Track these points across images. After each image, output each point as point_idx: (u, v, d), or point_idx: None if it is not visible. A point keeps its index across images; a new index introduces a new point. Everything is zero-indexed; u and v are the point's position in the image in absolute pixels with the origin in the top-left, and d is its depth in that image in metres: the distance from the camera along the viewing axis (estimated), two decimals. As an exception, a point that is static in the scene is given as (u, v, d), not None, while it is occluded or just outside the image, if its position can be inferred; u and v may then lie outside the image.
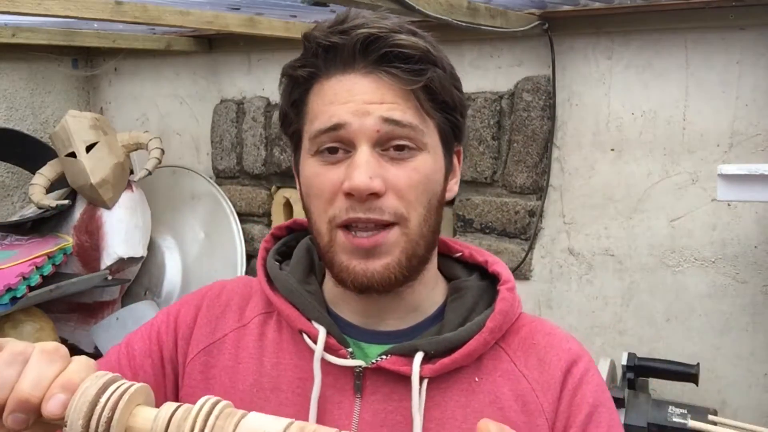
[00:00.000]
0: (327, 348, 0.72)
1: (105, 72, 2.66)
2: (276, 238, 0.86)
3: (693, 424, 1.46)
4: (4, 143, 2.28)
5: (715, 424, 1.47)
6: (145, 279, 2.34)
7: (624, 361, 1.65)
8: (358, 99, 0.67)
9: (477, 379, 0.72)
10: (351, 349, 0.73)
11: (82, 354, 0.56)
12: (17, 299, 1.82)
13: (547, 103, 1.85)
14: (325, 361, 0.71)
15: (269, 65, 2.30)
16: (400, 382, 0.70)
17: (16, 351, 0.51)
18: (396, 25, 0.68)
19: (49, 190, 2.18)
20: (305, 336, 0.73)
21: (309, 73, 0.70)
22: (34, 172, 2.17)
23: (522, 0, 1.62)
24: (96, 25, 2.04)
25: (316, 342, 0.72)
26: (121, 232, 2.10)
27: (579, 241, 1.87)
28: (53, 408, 0.49)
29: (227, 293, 0.82)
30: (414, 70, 0.67)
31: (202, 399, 0.50)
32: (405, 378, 0.70)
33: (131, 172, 2.28)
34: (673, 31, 1.69)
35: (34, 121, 2.48)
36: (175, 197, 2.42)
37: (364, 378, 0.71)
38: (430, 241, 0.72)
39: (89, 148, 2.04)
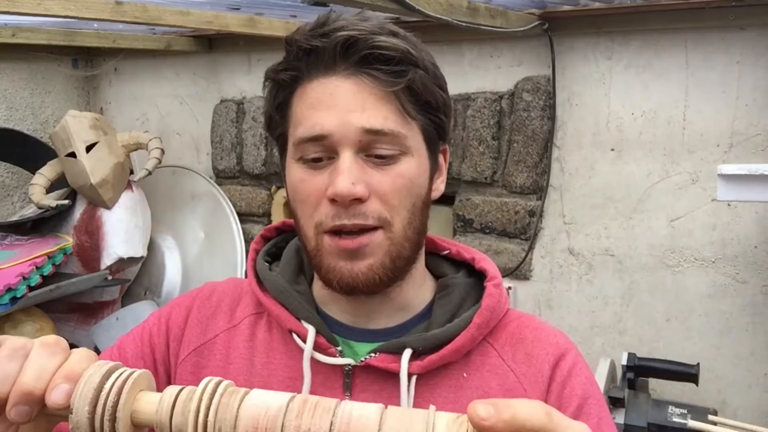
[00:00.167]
0: (316, 347, 0.72)
1: (105, 72, 2.66)
2: (265, 240, 0.86)
3: (693, 424, 1.46)
4: (4, 143, 2.28)
5: (715, 424, 1.48)
6: (145, 279, 2.34)
7: (624, 361, 1.65)
8: (341, 105, 0.67)
9: (465, 374, 0.73)
10: (340, 348, 0.74)
11: (82, 354, 0.57)
12: (17, 299, 1.82)
13: (547, 103, 1.85)
14: (314, 360, 0.72)
15: (269, 65, 2.30)
16: (389, 379, 0.71)
17: (17, 346, 0.52)
18: (376, 26, 0.68)
19: (49, 190, 2.17)
20: (295, 335, 0.74)
21: (291, 76, 0.71)
22: (34, 172, 2.18)
23: (522, 0, 1.62)
24: (96, 25, 2.05)
25: (305, 341, 0.73)
26: (121, 232, 2.10)
27: (579, 241, 1.87)
28: (57, 398, 0.49)
29: (218, 294, 0.83)
30: (395, 72, 0.67)
31: (205, 380, 0.50)
32: (394, 375, 0.71)
33: (131, 172, 2.28)
34: (673, 31, 1.69)
35: (34, 121, 2.48)
36: (175, 197, 2.42)
37: (353, 376, 0.72)
38: (415, 242, 0.72)
39: (89, 148, 2.04)
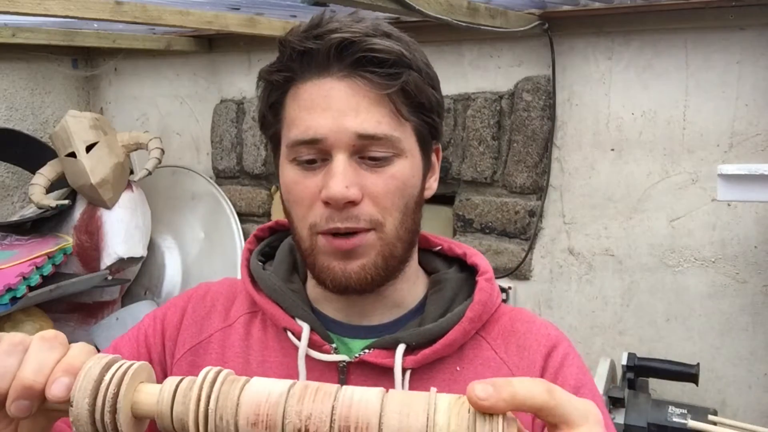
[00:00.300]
0: (311, 344, 0.73)
1: (105, 72, 2.66)
2: (259, 239, 0.87)
3: (693, 424, 1.46)
4: (4, 143, 2.28)
5: (715, 424, 1.48)
6: (145, 279, 2.34)
7: (624, 361, 1.65)
8: (335, 108, 0.67)
9: (458, 368, 0.73)
10: (335, 345, 0.74)
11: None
12: (17, 299, 1.82)
13: (547, 103, 1.85)
14: (309, 357, 0.73)
15: (269, 65, 2.30)
16: (383, 374, 0.72)
17: (16, 341, 0.52)
18: (370, 28, 0.68)
19: (49, 190, 2.17)
20: (289, 333, 0.75)
21: (285, 77, 0.71)
22: (34, 172, 2.17)
23: (522, 0, 1.62)
24: (96, 25, 2.04)
25: (300, 339, 0.73)
26: (121, 232, 2.10)
27: (579, 241, 1.87)
28: (57, 391, 0.49)
29: (212, 294, 0.83)
30: (389, 74, 0.67)
31: (205, 369, 0.51)
32: (388, 370, 0.71)
33: (131, 172, 2.28)
34: (673, 31, 1.69)
35: (34, 121, 2.48)
36: (175, 197, 2.42)
37: (348, 372, 0.72)
38: (408, 241, 0.73)
39: (89, 148, 2.04)
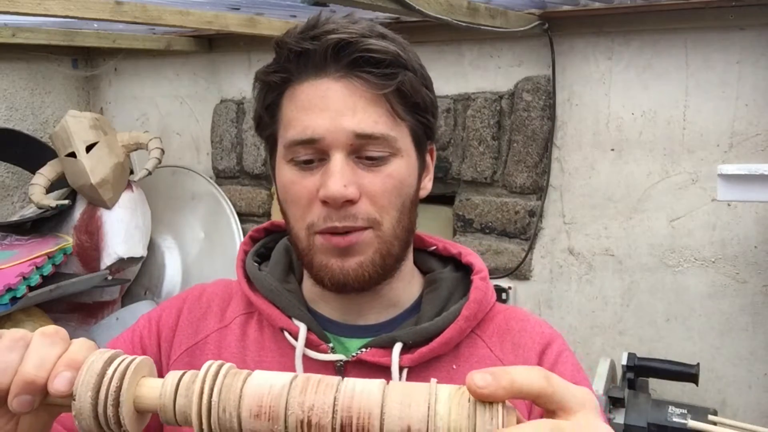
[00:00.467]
0: (308, 344, 0.73)
1: (105, 72, 2.66)
2: (254, 240, 0.87)
3: (693, 424, 1.46)
4: (4, 143, 2.28)
5: (715, 424, 1.48)
6: (145, 279, 2.34)
7: (624, 361, 1.65)
8: (332, 108, 0.68)
9: (455, 366, 0.74)
10: (332, 344, 0.74)
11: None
12: (17, 299, 1.82)
13: (547, 103, 1.85)
14: (306, 357, 0.73)
15: (269, 65, 2.30)
16: (380, 373, 0.71)
17: (17, 337, 0.52)
18: (366, 29, 0.69)
19: (49, 190, 2.17)
20: (286, 333, 0.75)
21: (282, 78, 0.71)
22: (34, 172, 2.17)
23: (522, 0, 1.62)
24: (96, 25, 2.04)
25: (297, 339, 0.73)
26: (121, 232, 2.10)
27: (579, 241, 1.87)
28: (60, 385, 0.49)
29: (207, 296, 0.83)
30: (385, 74, 0.68)
31: (207, 363, 0.51)
32: (385, 369, 0.71)
33: (131, 172, 2.28)
34: (673, 31, 1.69)
35: (34, 121, 2.48)
36: (175, 197, 2.42)
37: (345, 372, 0.73)
38: (404, 240, 0.74)
39: (89, 148, 2.04)
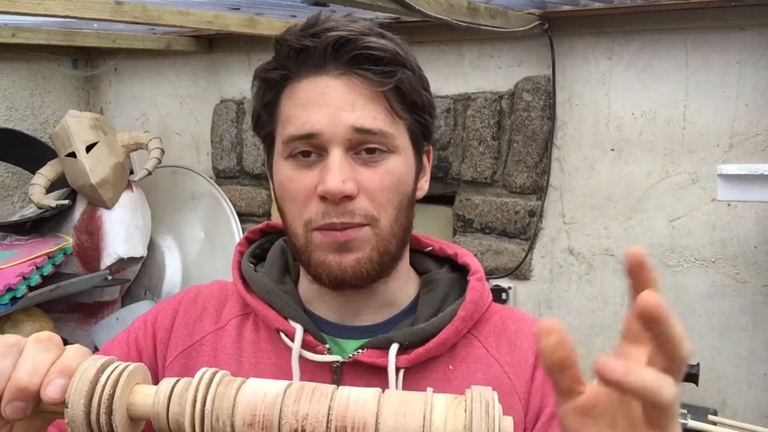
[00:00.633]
0: (304, 345, 0.73)
1: (105, 72, 2.66)
2: (250, 242, 0.87)
3: (693, 424, 1.46)
4: (4, 143, 2.28)
5: (715, 424, 1.47)
6: (145, 279, 2.34)
7: (624, 361, 1.64)
8: (331, 104, 0.68)
9: (451, 367, 0.74)
10: (328, 345, 0.74)
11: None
12: (17, 299, 1.82)
13: (547, 103, 1.85)
14: (302, 358, 0.73)
15: (269, 65, 2.30)
16: (376, 374, 0.72)
17: (10, 343, 0.52)
18: (366, 27, 0.70)
19: (49, 190, 2.17)
20: (282, 334, 0.74)
21: (281, 75, 0.72)
22: (34, 172, 2.17)
23: (522, 0, 1.62)
24: (96, 25, 2.04)
25: (293, 340, 0.73)
26: (121, 232, 2.10)
27: (579, 241, 1.87)
28: (52, 393, 0.49)
29: (203, 297, 0.83)
30: (384, 72, 0.68)
31: (201, 370, 0.51)
32: (381, 370, 0.71)
33: (131, 172, 2.28)
34: (673, 31, 1.69)
35: (34, 121, 2.48)
36: (175, 197, 2.42)
37: (341, 373, 0.72)
38: (402, 238, 0.74)
39: (89, 148, 2.04)
